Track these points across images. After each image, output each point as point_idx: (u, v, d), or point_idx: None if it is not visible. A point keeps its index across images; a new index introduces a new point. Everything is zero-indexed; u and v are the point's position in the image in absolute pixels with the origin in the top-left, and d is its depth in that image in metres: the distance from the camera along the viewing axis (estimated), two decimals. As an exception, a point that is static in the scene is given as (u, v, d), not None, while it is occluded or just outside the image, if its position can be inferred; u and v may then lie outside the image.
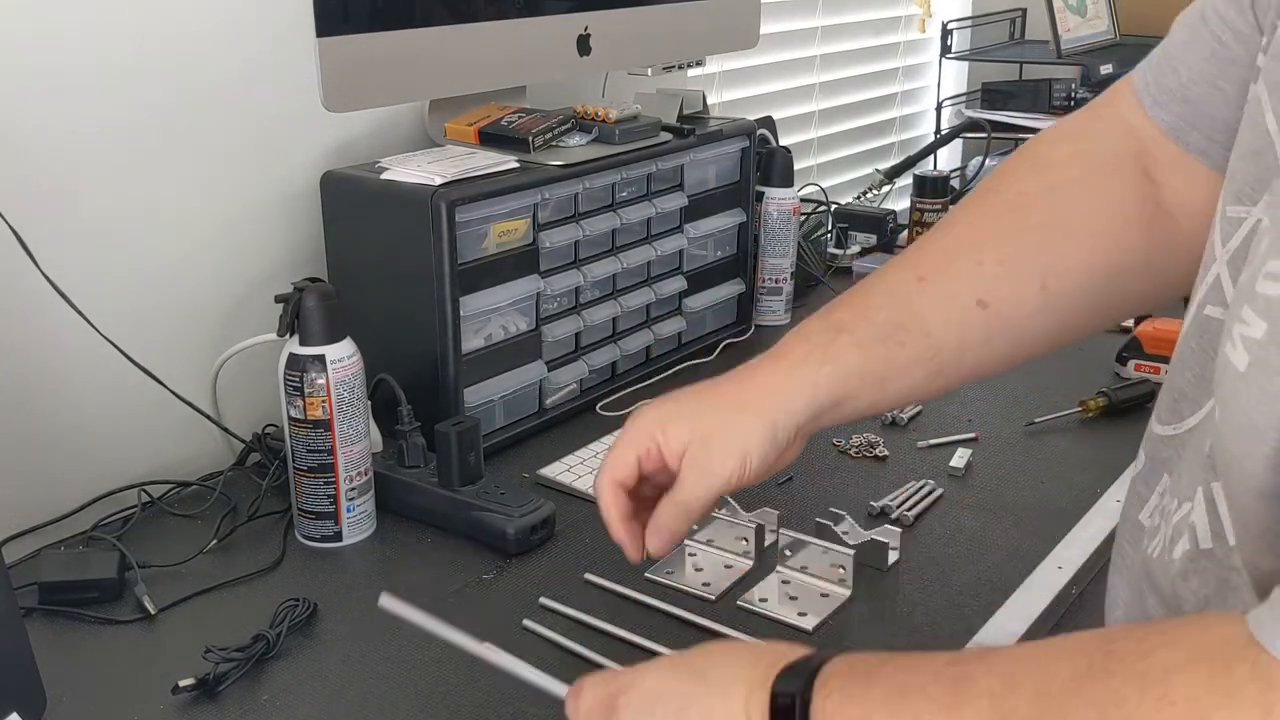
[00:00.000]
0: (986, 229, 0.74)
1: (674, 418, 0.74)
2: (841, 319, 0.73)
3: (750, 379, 0.73)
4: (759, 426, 0.71)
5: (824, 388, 0.71)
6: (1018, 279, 0.72)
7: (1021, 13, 2.51)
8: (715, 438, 0.72)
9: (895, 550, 1.01)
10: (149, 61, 1.11)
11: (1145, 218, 0.74)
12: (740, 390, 0.73)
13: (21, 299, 1.04)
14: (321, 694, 0.85)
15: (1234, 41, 0.67)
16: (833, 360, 0.71)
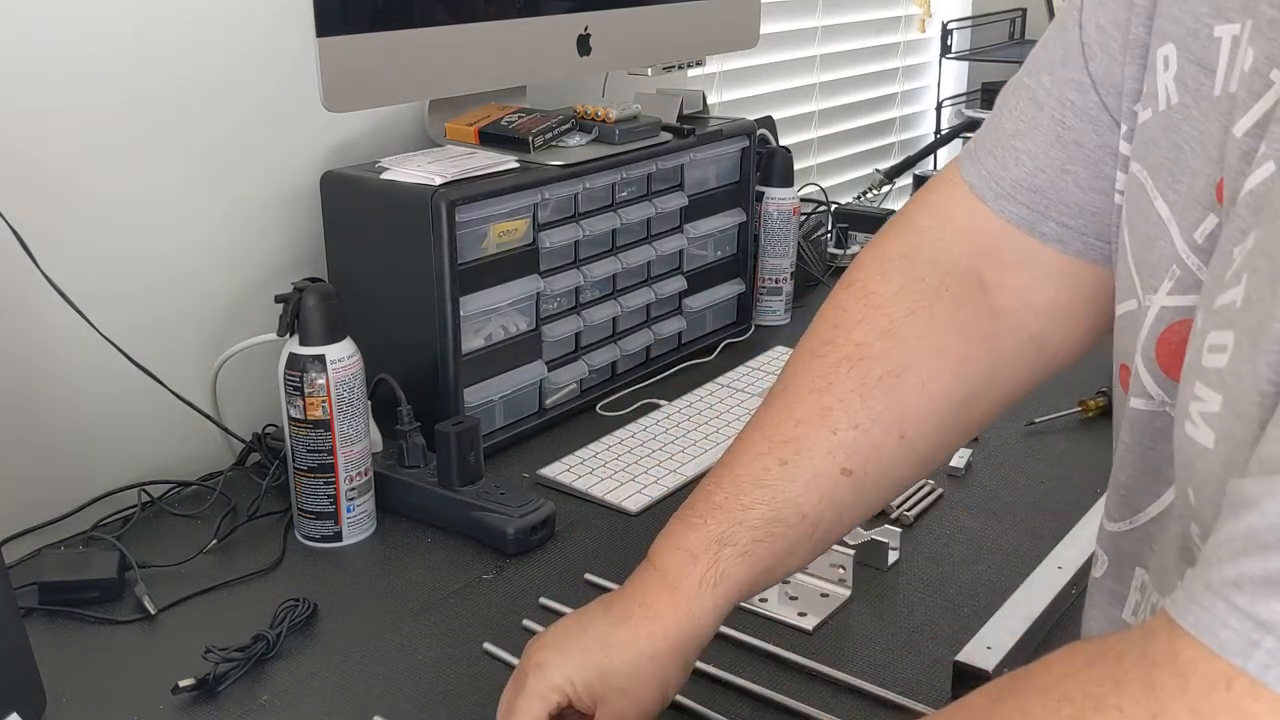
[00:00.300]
0: (834, 391, 0.73)
1: (582, 671, 0.71)
2: (721, 529, 0.72)
3: (654, 619, 0.71)
4: (675, 665, 0.71)
5: (721, 607, 0.72)
6: (874, 438, 0.72)
7: (1021, 13, 2.51)
8: (632, 690, 0.71)
9: (895, 550, 1.01)
10: (149, 63, 1.11)
11: (985, 335, 0.73)
12: (649, 636, 0.71)
13: (22, 299, 1.04)
14: (321, 694, 0.85)
15: (1078, 123, 0.66)
16: (724, 580, 0.71)
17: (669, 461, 1.19)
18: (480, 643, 0.90)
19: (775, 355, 1.47)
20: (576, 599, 0.96)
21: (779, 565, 0.72)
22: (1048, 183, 0.68)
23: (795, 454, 0.72)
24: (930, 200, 0.76)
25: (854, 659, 0.88)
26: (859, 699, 0.84)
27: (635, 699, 0.71)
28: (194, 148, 1.16)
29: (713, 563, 0.71)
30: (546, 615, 0.94)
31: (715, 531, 0.72)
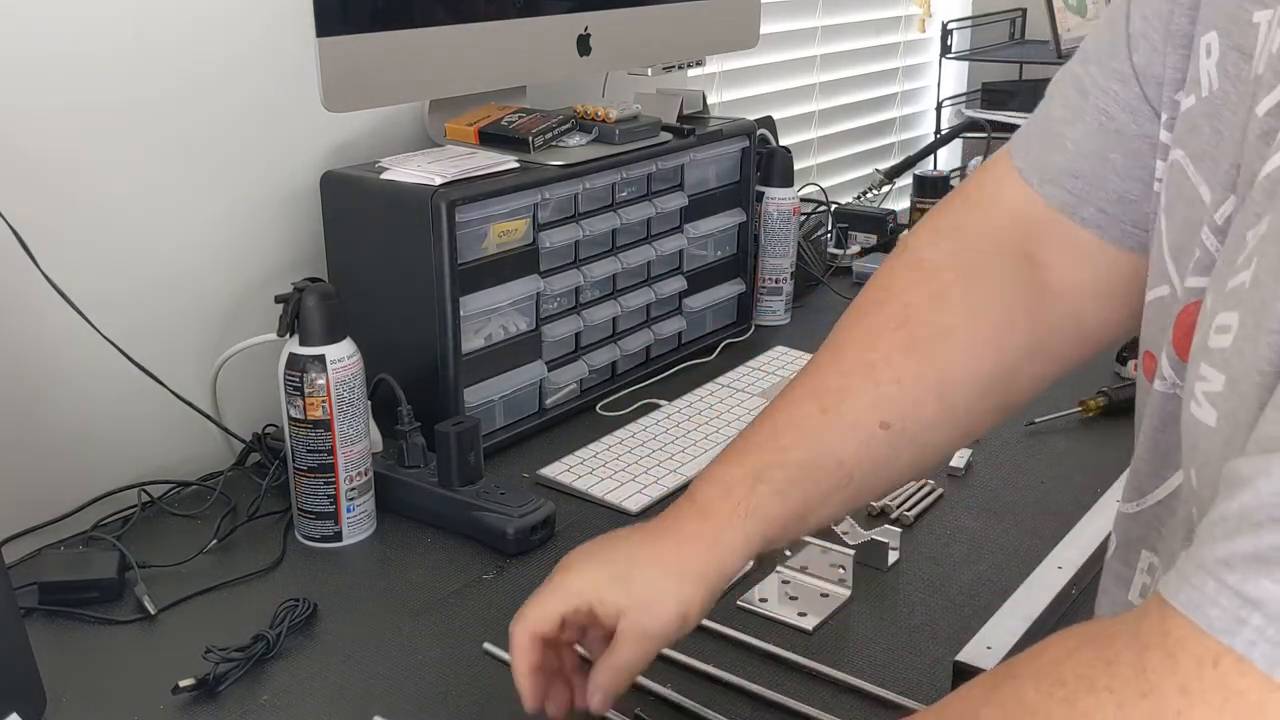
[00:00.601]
0: (879, 347, 0.75)
1: (608, 582, 0.73)
2: (758, 467, 0.73)
3: (683, 542, 0.73)
4: (699, 591, 0.72)
5: (753, 541, 0.73)
6: (915, 396, 0.73)
7: (1021, 13, 2.51)
8: (654, 605, 0.72)
9: (895, 550, 1.01)
10: (149, 63, 1.11)
11: (1029, 308, 0.75)
12: (676, 555, 0.73)
13: (22, 299, 1.04)
14: (321, 694, 0.85)
15: (1120, 113, 0.68)
16: (756, 514, 0.72)
17: (669, 461, 1.19)
18: (480, 643, 0.90)
19: (775, 355, 1.47)
20: (576, 599, 0.96)
21: (811, 512, 0.74)
22: (1089, 169, 0.70)
23: (836, 403, 0.74)
24: (984, 180, 0.78)
25: (854, 659, 0.88)
26: (859, 699, 0.84)
27: (655, 616, 0.72)
28: (194, 148, 1.16)
29: (746, 496, 0.72)
30: (546, 615, 0.94)
31: (751, 468, 0.73)
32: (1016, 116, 2.15)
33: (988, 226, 0.76)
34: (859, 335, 0.77)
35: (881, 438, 0.73)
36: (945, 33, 2.31)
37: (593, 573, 0.74)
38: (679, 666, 0.87)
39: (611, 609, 0.73)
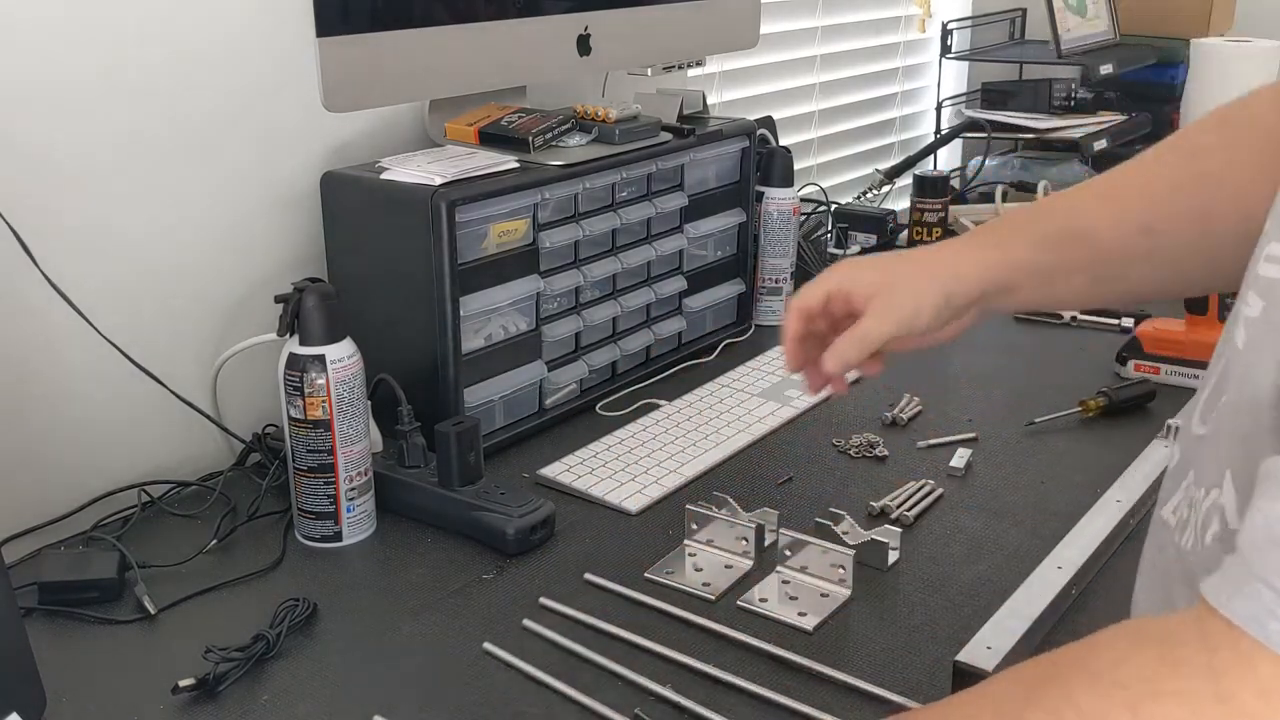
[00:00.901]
0: (1163, 171, 0.81)
1: (867, 268, 0.87)
2: (1017, 221, 0.84)
3: (935, 251, 0.86)
4: (935, 286, 0.82)
5: (994, 270, 0.82)
6: (1182, 216, 0.78)
7: (1021, 13, 2.51)
8: (898, 287, 0.83)
9: (895, 550, 1.01)
10: (149, 63, 1.10)
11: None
12: (925, 257, 0.86)
13: (22, 299, 1.04)
14: (321, 694, 0.85)
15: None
16: (1004, 250, 0.82)
17: (669, 461, 1.19)
18: (480, 643, 0.90)
19: (775, 355, 1.47)
20: (577, 599, 0.96)
21: (1057, 278, 0.81)
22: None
23: (1109, 195, 0.81)
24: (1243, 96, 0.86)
25: (854, 659, 0.88)
26: (859, 699, 0.84)
27: (893, 299, 0.83)
28: (194, 148, 1.16)
29: (1001, 238, 0.83)
30: (547, 615, 0.94)
31: (1017, 223, 0.84)
32: (1016, 116, 2.15)
33: (1255, 115, 0.83)
34: (1148, 158, 0.83)
35: (1142, 239, 0.78)
36: (945, 33, 2.31)
37: (853, 268, 0.87)
38: (679, 666, 0.87)
39: (864, 288, 0.85)
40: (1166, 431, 1.20)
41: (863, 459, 1.21)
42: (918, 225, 1.82)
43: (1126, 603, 0.96)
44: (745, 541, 1.01)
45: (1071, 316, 1.59)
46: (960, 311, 0.83)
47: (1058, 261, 0.80)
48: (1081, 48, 2.16)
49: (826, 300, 0.87)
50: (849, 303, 0.85)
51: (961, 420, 1.29)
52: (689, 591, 0.97)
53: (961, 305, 0.82)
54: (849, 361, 0.83)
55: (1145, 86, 2.27)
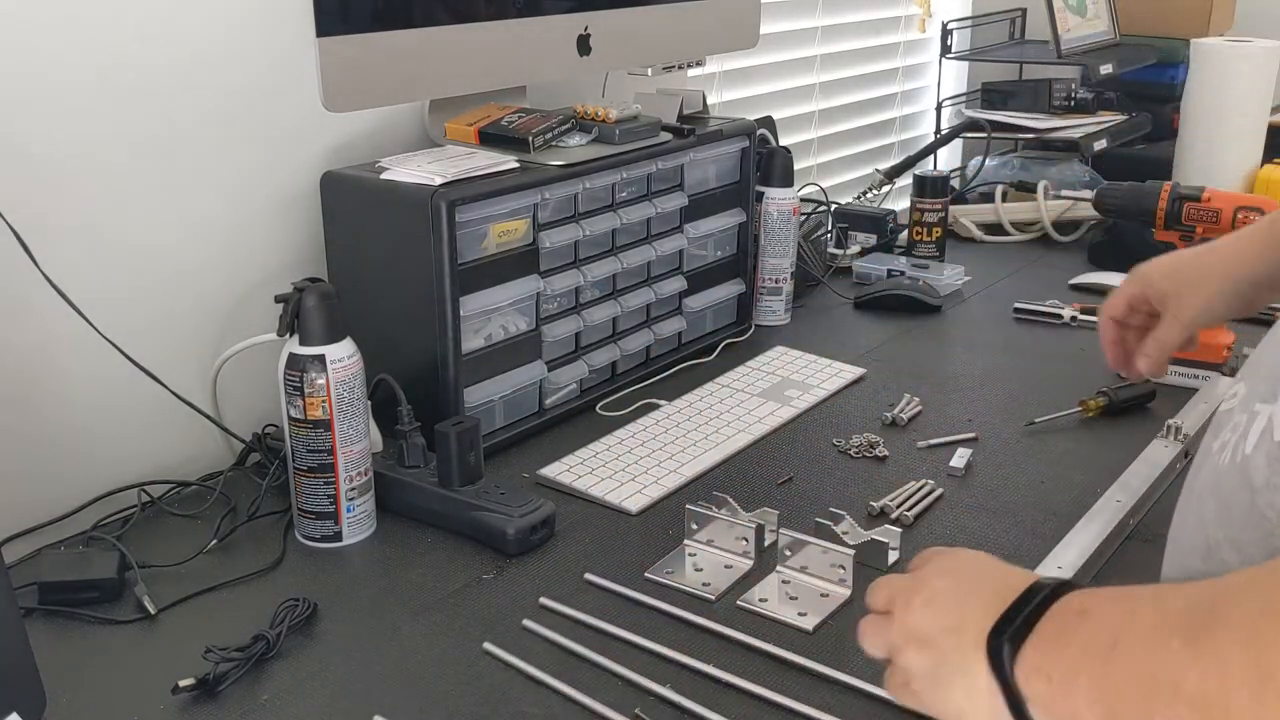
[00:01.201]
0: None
1: (1160, 277, 1.03)
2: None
3: (1220, 251, 1.00)
4: (1224, 288, 0.98)
5: (1269, 263, 0.96)
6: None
7: (1021, 13, 2.51)
8: (1185, 289, 1.00)
9: (895, 550, 1.01)
10: (149, 63, 1.10)
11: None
12: (1215, 259, 1.00)
13: (22, 299, 1.04)
14: (321, 694, 0.85)
15: None
16: (1275, 246, 0.96)
17: (669, 461, 1.19)
18: (480, 643, 0.90)
19: (775, 355, 1.47)
20: (577, 599, 0.96)
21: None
22: None
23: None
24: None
25: (854, 659, 0.88)
26: (859, 699, 0.84)
27: (1185, 302, 1.01)
28: (194, 148, 1.16)
29: (1268, 227, 0.97)
30: (547, 615, 0.94)
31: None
32: (1016, 116, 2.14)
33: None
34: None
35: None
36: (945, 33, 2.31)
37: (1152, 269, 1.04)
38: (679, 666, 0.87)
39: (1159, 295, 1.03)
40: (1166, 431, 1.20)
41: (863, 459, 1.21)
42: (918, 225, 1.82)
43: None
44: (745, 541, 1.02)
45: (1071, 316, 1.59)
46: (1250, 297, 0.98)
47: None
48: (1081, 48, 2.16)
49: (1129, 306, 1.06)
50: (1149, 304, 1.04)
51: (961, 420, 1.29)
52: (689, 591, 0.97)
53: (1247, 292, 0.98)
54: (1155, 363, 1.03)
55: (1145, 86, 2.27)
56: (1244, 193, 1.90)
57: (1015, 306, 1.64)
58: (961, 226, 2.01)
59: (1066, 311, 1.59)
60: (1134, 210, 1.46)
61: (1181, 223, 1.43)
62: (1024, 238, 2.00)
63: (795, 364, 1.44)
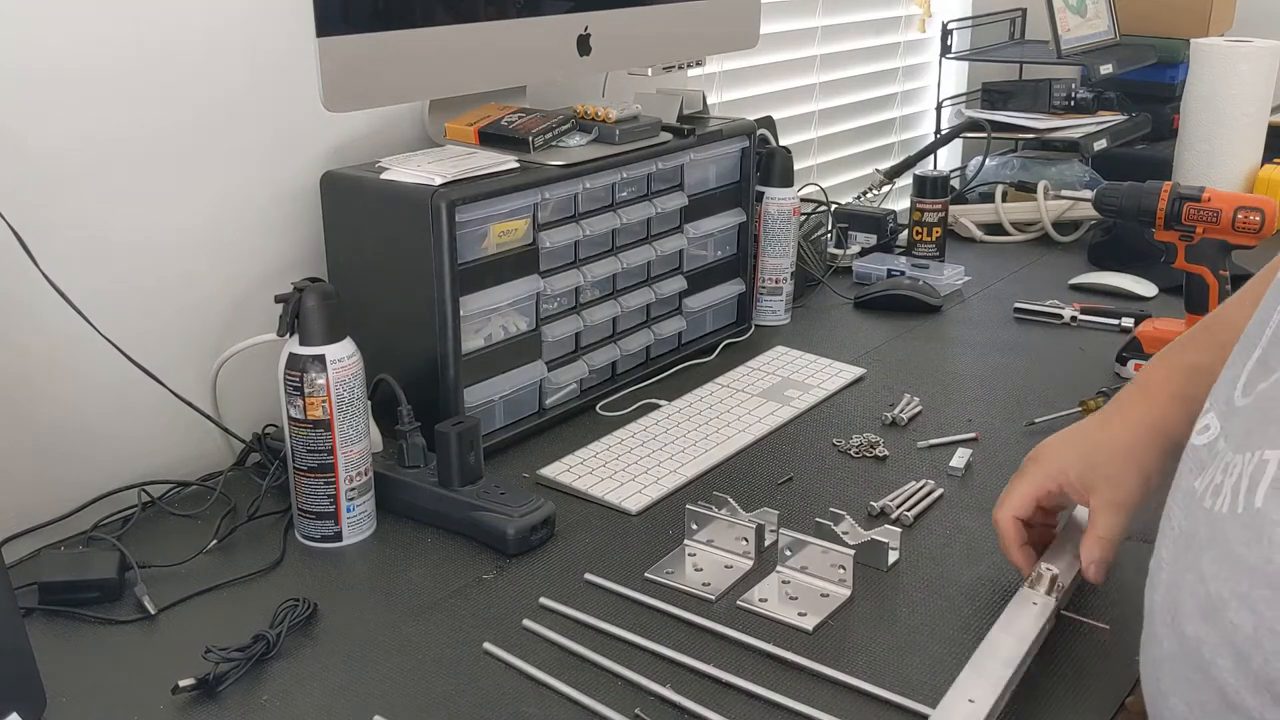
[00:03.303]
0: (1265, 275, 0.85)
1: (1075, 464, 0.90)
2: (1195, 358, 0.86)
3: (1130, 422, 0.88)
4: (1152, 458, 0.86)
5: (1193, 416, 0.81)
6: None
7: (1021, 13, 2.51)
8: (1119, 477, 0.87)
9: (895, 550, 1.01)
10: (150, 63, 1.10)
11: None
12: (1125, 434, 0.88)
13: (22, 299, 1.04)
14: (321, 694, 0.85)
15: None
16: (1193, 397, 0.81)
17: (669, 462, 1.19)
18: (480, 643, 0.90)
19: (775, 355, 1.47)
20: (577, 599, 0.96)
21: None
22: None
23: (1218, 315, 0.85)
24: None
25: (854, 659, 0.88)
26: (859, 699, 0.84)
27: (1119, 485, 0.87)
28: (194, 148, 1.16)
29: (1184, 384, 0.85)
30: (547, 615, 0.94)
31: (1191, 359, 0.87)
32: (1016, 116, 2.14)
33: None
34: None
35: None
36: (945, 33, 2.31)
37: (1061, 460, 0.90)
38: (679, 666, 0.87)
39: (1080, 487, 0.89)
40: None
41: (863, 459, 1.21)
42: (918, 225, 1.82)
43: (1124, 603, 0.96)
44: (745, 541, 1.02)
45: (1071, 316, 1.59)
46: (1174, 457, 0.85)
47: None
48: (1081, 48, 2.16)
49: (1038, 504, 0.92)
50: (1062, 495, 0.91)
51: (961, 420, 1.29)
52: (689, 591, 0.97)
53: (1175, 453, 0.84)
54: (1107, 564, 0.88)
55: (1145, 86, 2.27)
56: (1244, 193, 1.90)
57: (1015, 306, 1.64)
58: (961, 226, 2.01)
59: (1066, 311, 1.59)
60: (1134, 210, 1.46)
61: (1181, 223, 1.43)
62: (1024, 238, 2.00)
63: (795, 364, 1.44)
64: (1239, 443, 0.62)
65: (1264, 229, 1.39)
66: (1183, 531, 0.65)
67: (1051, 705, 0.83)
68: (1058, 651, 0.87)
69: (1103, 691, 0.85)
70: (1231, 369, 0.69)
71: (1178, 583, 0.64)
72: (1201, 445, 0.68)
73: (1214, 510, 0.62)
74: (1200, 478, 0.66)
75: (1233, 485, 0.60)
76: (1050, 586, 0.89)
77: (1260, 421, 0.61)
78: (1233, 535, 0.59)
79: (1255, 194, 1.78)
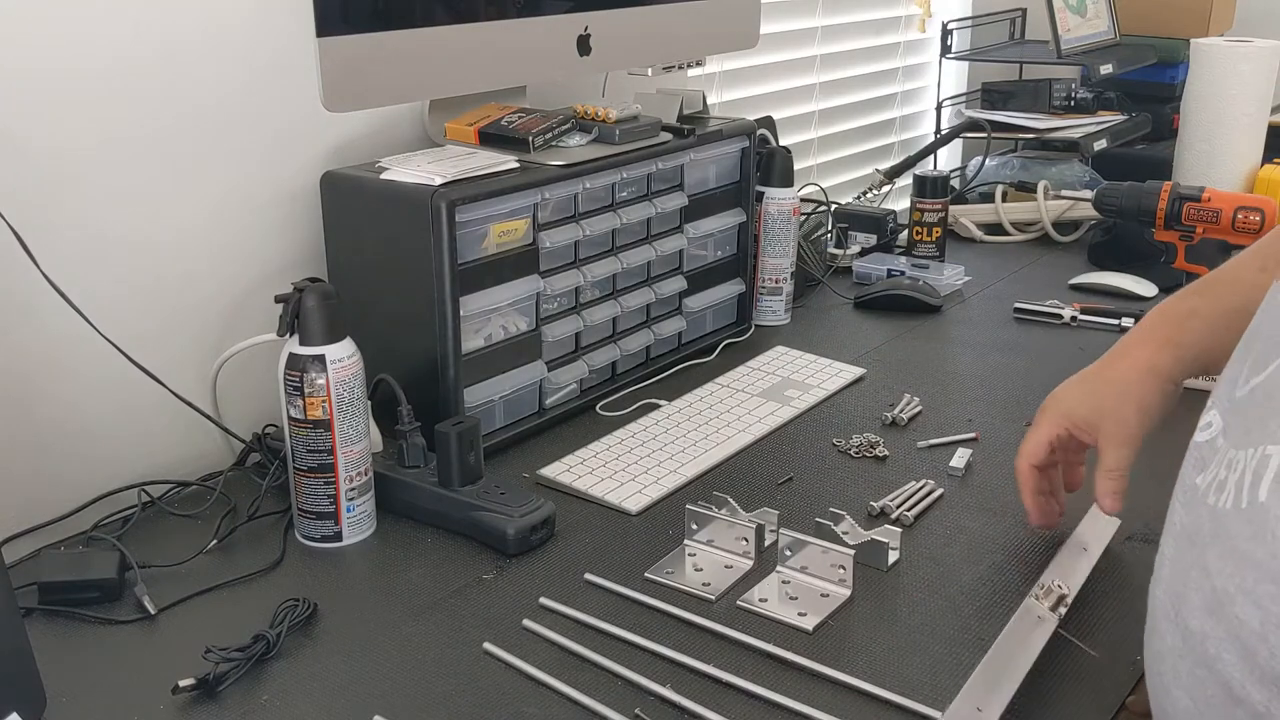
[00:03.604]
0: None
1: (1080, 405, 0.98)
2: (1194, 305, 0.95)
3: (1129, 363, 0.96)
4: (1152, 395, 0.94)
5: (1183, 361, 0.94)
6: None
7: (1021, 13, 2.51)
8: (1119, 411, 0.95)
9: (895, 550, 1.01)
10: (151, 63, 1.10)
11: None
12: (1125, 374, 0.96)
13: (22, 299, 1.04)
14: (321, 694, 0.85)
15: None
16: (1185, 340, 0.94)
17: (669, 462, 1.19)
18: (480, 643, 0.90)
19: (775, 355, 1.47)
20: (577, 599, 0.96)
21: (1228, 354, 0.85)
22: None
23: (1275, 264, 0.89)
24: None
25: (854, 659, 0.88)
26: (859, 699, 0.84)
27: (1123, 421, 0.94)
28: (194, 148, 1.16)
29: (1179, 327, 0.94)
30: (547, 615, 0.94)
31: (1189, 306, 0.95)
32: (1016, 116, 2.14)
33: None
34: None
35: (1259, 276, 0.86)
36: (945, 33, 2.31)
37: (1067, 403, 0.99)
38: (679, 666, 0.87)
39: (1087, 426, 0.97)
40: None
41: (863, 459, 1.21)
42: (918, 225, 1.82)
43: (1128, 602, 0.96)
44: (745, 541, 1.02)
45: (1071, 316, 1.59)
46: (1175, 394, 0.95)
47: (1228, 340, 0.85)
48: (1081, 48, 2.16)
49: (1050, 448, 0.99)
50: (1074, 439, 0.98)
51: (961, 420, 1.29)
52: (689, 591, 0.97)
53: (1173, 391, 0.95)
54: (1120, 495, 0.95)
55: (1145, 86, 2.27)
56: (1244, 193, 1.90)
57: (1015, 306, 1.64)
58: (961, 226, 2.01)
59: (1066, 311, 1.59)
60: (1134, 210, 1.46)
61: (1181, 223, 1.43)
62: (1024, 238, 2.00)
63: (795, 364, 1.44)
64: (1240, 439, 0.62)
65: (1264, 229, 1.39)
66: (1185, 528, 0.66)
67: (1052, 705, 0.83)
68: (1059, 651, 0.87)
69: (1103, 691, 0.85)
70: (1233, 368, 0.69)
71: (1181, 578, 0.64)
72: (1203, 442, 0.68)
73: (1217, 506, 0.62)
74: (1202, 474, 0.66)
75: (1236, 481, 0.61)
76: (1057, 604, 0.89)
77: (1260, 418, 0.61)
78: (1237, 531, 0.60)
79: (1255, 194, 1.78)
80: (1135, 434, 0.94)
